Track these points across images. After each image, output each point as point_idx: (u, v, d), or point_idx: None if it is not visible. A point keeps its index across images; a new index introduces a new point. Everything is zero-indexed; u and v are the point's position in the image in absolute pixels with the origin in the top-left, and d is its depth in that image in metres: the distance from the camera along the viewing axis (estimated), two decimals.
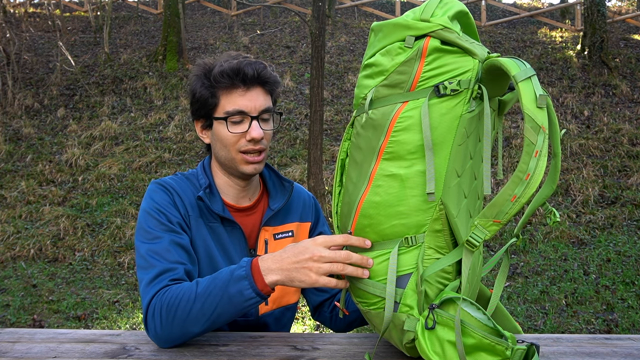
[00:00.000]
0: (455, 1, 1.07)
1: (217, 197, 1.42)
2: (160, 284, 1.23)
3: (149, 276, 1.25)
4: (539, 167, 0.92)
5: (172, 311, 1.17)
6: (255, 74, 1.36)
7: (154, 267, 1.26)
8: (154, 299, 1.21)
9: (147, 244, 1.30)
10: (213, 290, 1.16)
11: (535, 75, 0.96)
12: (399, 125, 1.03)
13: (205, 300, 1.15)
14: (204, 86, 1.38)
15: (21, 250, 6.43)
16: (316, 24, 6.70)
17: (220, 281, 1.16)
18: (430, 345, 1.01)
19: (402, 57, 1.04)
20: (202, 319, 1.16)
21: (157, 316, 1.18)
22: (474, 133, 1.06)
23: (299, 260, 1.12)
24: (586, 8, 10.61)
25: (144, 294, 1.24)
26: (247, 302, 1.15)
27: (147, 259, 1.28)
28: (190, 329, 1.17)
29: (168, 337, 1.19)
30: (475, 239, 1.00)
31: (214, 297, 1.15)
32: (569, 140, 8.24)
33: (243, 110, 1.36)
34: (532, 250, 6.14)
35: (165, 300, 1.19)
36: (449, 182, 1.03)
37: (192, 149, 8.74)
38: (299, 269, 1.12)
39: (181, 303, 1.17)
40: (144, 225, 1.33)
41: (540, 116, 0.93)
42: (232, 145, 1.38)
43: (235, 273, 1.16)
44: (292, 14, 13.59)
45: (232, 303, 1.15)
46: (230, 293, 1.14)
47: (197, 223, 1.38)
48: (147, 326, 1.21)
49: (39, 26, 14.08)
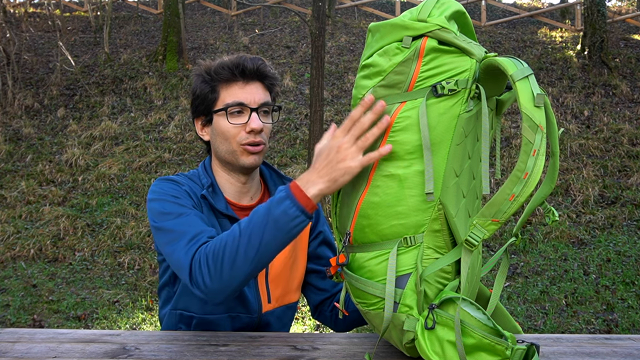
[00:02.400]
0: (452, 1, 1.07)
1: (220, 195, 1.42)
2: (199, 242, 1.20)
3: (184, 240, 1.21)
4: (537, 166, 0.92)
5: (220, 256, 1.13)
6: (254, 67, 1.39)
7: (187, 233, 1.23)
8: (197, 254, 1.18)
9: (172, 220, 1.27)
10: (257, 220, 1.13)
11: (533, 74, 0.97)
12: (397, 125, 1.04)
13: (251, 233, 1.12)
14: (204, 82, 1.41)
15: (21, 250, 6.43)
16: (316, 24, 6.70)
17: (263, 209, 1.14)
18: (430, 345, 1.01)
19: (399, 58, 1.04)
20: (251, 254, 1.12)
21: (204, 267, 1.15)
22: (472, 133, 1.06)
23: (329, 160, 1.10)
24: (586, 8, 10.60)
25: (183, 256, 1.19)
26: (293, 221, 1.10)
27: (176, 230, 1.24)
28: (240, 269, 1.12)
29: (219, 286, 1.14)
30: (474, 238, 1.00)
31: (259, 227, 1.12)
32: (569, 140, 8.24)
33: (243, 102, 1.38)
34: (532, 250, 6.14)
35: (210, 249, 1.16)
36: (448, 182, 1.03)
37: (192, 149, 8.74)
38: (334, 166, 1.09)
39: (227, 245, 1.13)
40: (161, 209, 1.30)
41: (537, 115, 0.93)
42: (233, 137, 1.38)
43: (276, 197, 1.13)
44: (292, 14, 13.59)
45: (278, 227, 1.11)
46: (274, 216, 1.11)
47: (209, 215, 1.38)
48: (195, 282, 1.16)
49: (39, 26, 14.07)
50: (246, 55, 1.41)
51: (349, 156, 1.07)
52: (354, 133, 1.08)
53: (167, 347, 1.21)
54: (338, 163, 1.08)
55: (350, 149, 1.08)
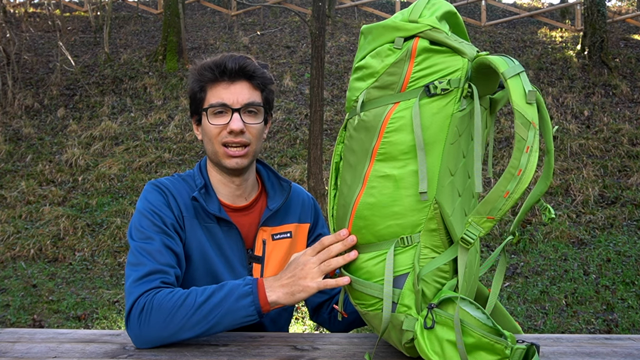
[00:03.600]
0: (443, 1, 1.08)
1: (214, 197, 1.42)
2: (150, 284, 1.23)
3: (138, 274, 1.25)
4: (531, 162, 0.93)
5: (168, 315, 1.17)
6: (236, 66, 1.38)
7: (144, 266, 1.26)
8: (142, 297, 1.21)
9: (139, 242, 1.31)
10: (215, 302, 1.18)
11: (524, 71, 0.97)
12: (391, 126, 1.04)
13: (208, 312, 1.17)
14: (195, 81, 1.42)
15: (21, 250, 6.43)
16: (316, 24, 6.70)
17: (225, 294, 1.18)
18: (429, 345, 1.01)
19: (391, 59, 1.04)
20: (198, 327, 1.18)
21: (145, 316, 1.18)
22: (466, 131, 1.06)
23: (294, 274, 1.18)
24: (586, 8, 10.60)
25: (130, 290, 1.24)
26: (246, 318, 1.18)
27: (138, 257, 1.28)
28: (182, 334, 1.18)
29: (152, 338, 1.19)
30: (470, 236, 1.00)
31: (216, 309, 1.17)
32: (569, 140, 8.24)
33: (225, 103, 1.38)
34: (532, 250, 6.14)
35: (157, 302, 1.19)
36: (443, 181, 1.03)
37: (192, 149, 8.74)
38: (295, 282, 1.17)
39: (180, 309, 1.17)
40: (137, 224, 1.34)
41: (530, 112, 0.93)
42: (215, 137, 1.39)
43: (241, 289, 1.18)
44: (292, 14, 13.59)
45: (232, 317, 1.18)
46: (233, 308, 1.17)
47: (192, 224, 1.38)
48: (129, 323, 1.20)
49: (39, 26, 14.07)
50: (231, 55, 1.40)
51: (310, 276, 1.16)
52: (321, 257, 1.16)
53: (167, 347, 1.21)
54: (299, 279, 1.17)
55: (313, 270, 1.16)
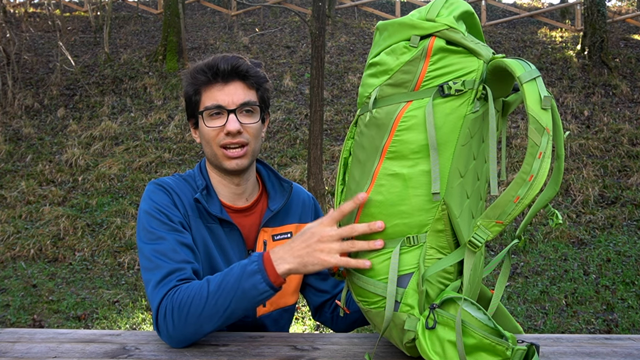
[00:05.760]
0: (461, 1, 1.06)
1: (215, 198, 1.42)
2: (168, 285, 1.22)
3: (156, 277, 1.24)
4: (543, 168, 0.92)
5: (185, 311, 1.17)
6: (228, 67, 1.37)
7: (161, 268, 1.25)
8: (164, 300, 1.20)
9: (151, 244, 1.29)
10: (226, 287, 1.16)
11: (540, 76, 0.96)
12: (403, 124, 1.03)
13: (219, 298, 1.16)
14: (189, 85, 1.42)
15: (21, 250, 6.43)
16: (316, 24, 6.70)
17: (233, 277, 1.16)
18: (430, 345, 1.01)
19: (407, 57, 1.03)
20: (216, 317, 1.16)
21: (169, 317, 1.18)
22: (477, 134, 1.05)
23: (308, 244, 1.13)
24: (586, 8, 10.60)
25: (152, 296, 1.23)
26: (261, 295, 1.15)
27: (153, 260, 1.27)
28: (203, 327, 1.17)
29: (181, 336, 1.18)
30: (478, 240, 1.00)
31: (227, 294, 1.15)
32: (569, 140, 8.24)
33: (220, 105, 1.37)
34: (532, 250, 6.14)
35: (177, 300, 1.18)
36: (452, 183, 1.03)
37: (192, 149, 8.74)
38: (311, 253, 1.12)
39: (194, 302, 1.17)
40: (146, 226, 1.32)
41: (544, 118, 0.93)
42: (213, 140, 1.39)
43: (247, 268, 1.16)
44: (292, 14, 13.59)
45: (246, 298, 1.15)
46: (244, 288, 1.15)
47: (197, 224, 1.38)
48: (159, 328, 1.20)
49: (39, 26, 14.07)
50: (223, 55, 1.39)
51: (327, 249, 1.10)
52: (342, 232, 1.10)
53: (167, 347, 1.21)
54: (315, 251, 1.12)
55: (332, 245, 1.10)
